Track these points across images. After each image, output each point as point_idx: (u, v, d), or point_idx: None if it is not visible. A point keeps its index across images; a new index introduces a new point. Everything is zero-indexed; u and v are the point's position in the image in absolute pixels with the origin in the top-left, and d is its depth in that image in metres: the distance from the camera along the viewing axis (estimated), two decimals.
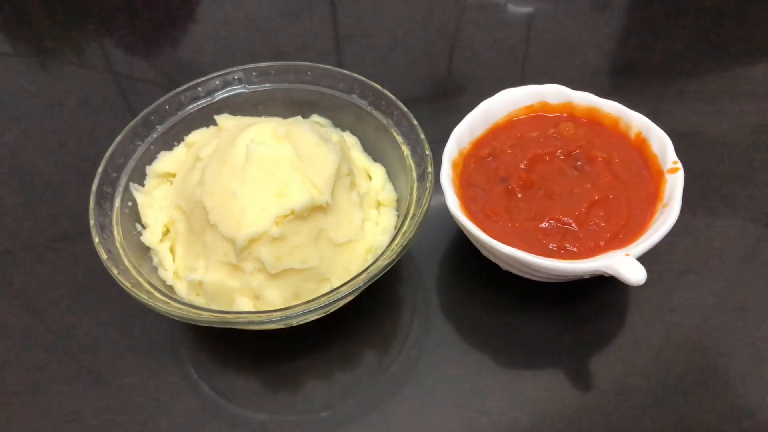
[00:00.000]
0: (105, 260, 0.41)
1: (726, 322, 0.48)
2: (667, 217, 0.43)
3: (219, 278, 0.43)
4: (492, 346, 0.47)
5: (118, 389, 0.46)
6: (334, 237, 0.44)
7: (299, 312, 0.39)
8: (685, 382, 0.45)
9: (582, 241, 0.44)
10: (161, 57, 0.73)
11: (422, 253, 0.52)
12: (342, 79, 0.51)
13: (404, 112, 0.48)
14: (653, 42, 0.71)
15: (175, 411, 0.45)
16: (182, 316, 0.39)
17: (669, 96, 0.64)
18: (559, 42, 0.72)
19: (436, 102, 0.67)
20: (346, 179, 0.46)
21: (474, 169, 0.49)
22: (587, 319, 0.48)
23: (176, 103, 0.50)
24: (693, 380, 0.45)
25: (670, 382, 0.45)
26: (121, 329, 0.48)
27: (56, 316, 0.50)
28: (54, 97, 0.68)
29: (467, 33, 0.74)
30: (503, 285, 0.49)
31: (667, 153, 0.46)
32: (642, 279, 0.39)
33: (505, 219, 0.46)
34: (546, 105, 0.51)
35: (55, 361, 0.47)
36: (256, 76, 0.52)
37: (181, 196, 0.46)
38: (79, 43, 0.75)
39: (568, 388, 0.45)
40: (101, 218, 0.44)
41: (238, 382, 0.46)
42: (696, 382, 0.45)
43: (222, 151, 0.44)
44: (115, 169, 0.47)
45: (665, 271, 0.50)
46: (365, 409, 0.44)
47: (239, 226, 0.41)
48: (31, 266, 0.53)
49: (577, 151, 0.49)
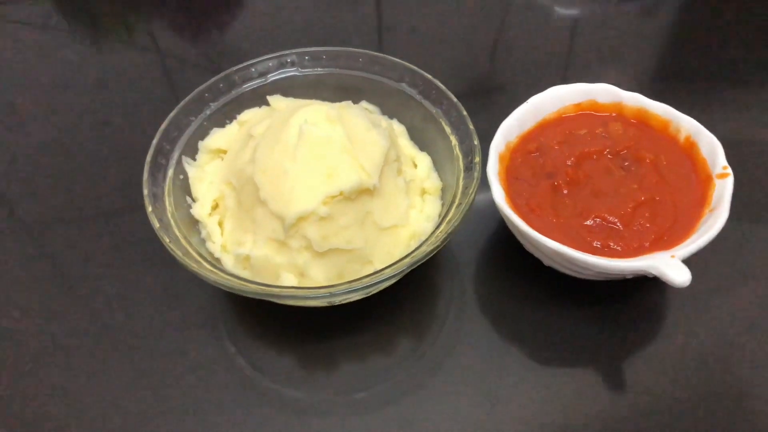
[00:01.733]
0: (157, 229, 0.42)
1: (766, 332, 0.47)
2: (714, 222, 0.43)
3: (266, 254, 0.43)
4: (527, 341, 0.47)
5: (154, 362, 0.46)
6: (380, 220, 0.45)
7: (343, 290, 0.40)
8: (721, 392, 0.44)
9: (626, 240, 0.44)
10: (208, 41, 0.75)
11: (461, 245, 0.53)
12: (392, 66, 0.52)
13: (454, 102, 0.48)
14: (701, 49, 0.71)
15: (211, 384, 0.45)
16: (230, 286, 0.40)
17: (717, 103, 0.64)
18: (605, 46, 0.71)
19: (475, 100, 0.67)
20: (394, 165, 0.46)
21: (520, 163, 0.49)
22: (625, 321, 0.48)
23: (230, 81, 0.51)
24: (729, 390, 0.45)
25: (703, 391, 0.45)
26: (161, 303, 0.49)
27: (95, 289, 0.51)
28: (103, 75, 0.69)
29: (511, 33, 0.74)
30: (542, 281, 0.49)
31: (717, 157, 0.46)
32: (687, 281, 0.39)
33: (549, 214, 0.46)
34: (595, 104, 0.51)
35: (93, 334, 0.48)
36: (309, 60, 0.52)
37: (231, 173, 0.46)
38: (131, 23, 0.77)
39: (601, 389, 0.45)
40: (154, 188, 0.44)
41: (274, 359, 0.46)
42: (732, 392, 0.44)
43: (275, 130, 0.45)
44: (169, 142, 0.47)
45: (707, 278, 0.50)
46: (397, 394, 0.45)
47: (288, 204, 0.42)
48: (73, 239, 0.54)
49: (625, 152, 0.49)
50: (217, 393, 0.45)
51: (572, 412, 0.44)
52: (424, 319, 0.49)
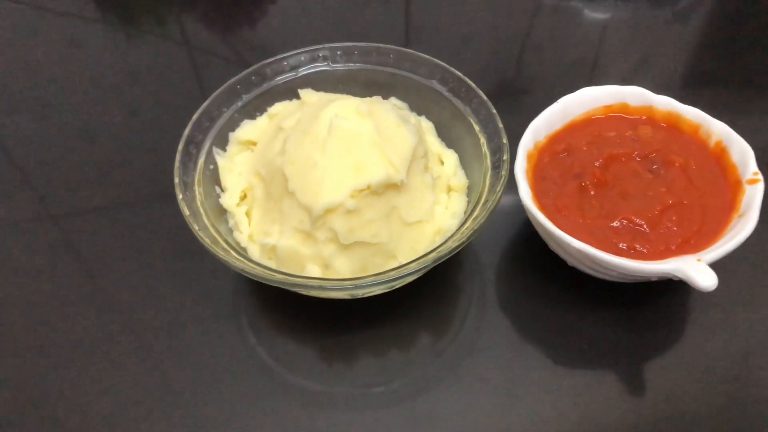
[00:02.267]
0: (187, 216, 0.43)
1: None
2: (742, 227, 0.42)
3: (292, 244, 0.44)
4: (548, 341, 0.47)
5: (174, 353, 0.47)
6: (406, 215, 0.45)
7: (367, 283, 0.40)
8: (743, 399, 0.44)
9: (653, 243, 0.44)
10: (238, 35, 0.75)
11: (484, 243, 0.53)
12: (423, 63, 0.52)
13: (484, 100, 0.48)
14: (732, 55, 0.70)
15: (231, 374, 0.46)
16: (256, 275, 0.40)
17: (747, 109, 0.63)
18: (635, 50, 0.71)
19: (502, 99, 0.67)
20: (421, 161, 0.46)
21: (548, 163, 0.49)
22: (648, 323, 0.48)
23: (262, 74, 0.51)
24: (751, 397, 0.44)
25: (727, 396, 0.44)
26: (183, 293, 0.50)
27: (119, 278, 0.51)
28: (133, 65, 0.70)
29: (540, 35, 0.74)
30: (565, 281, 0.49)
31: (747, 163, 0.46)
32: (713, 285, 0.39)
33: (576, 215, 0.46)
34: (625, 106, 0.51)
35: (115, 322, 0.49)
36: (341, 55, 0.53)
37: (261, 164, 0.47)
38: (163, 15, 0.78)
39: (621, 392, 0.45)
40: (185, 177, 0.45)
41: (295, 351, 0.47)
42: (755, 399, 0.44)
43: (305, 123, 0.45)
44: (200, 132, 0.48)
45: (732, 284, 0.49)
46: (416, 389, 0.45)
47: (317, 196, 0.42)
48: (99, 228, 0.55)
49: (654, 155, 0.48)
50: (237, 383, 0.45)
51: (591, 414, 0.44)
52: (444, 317, 0.49)
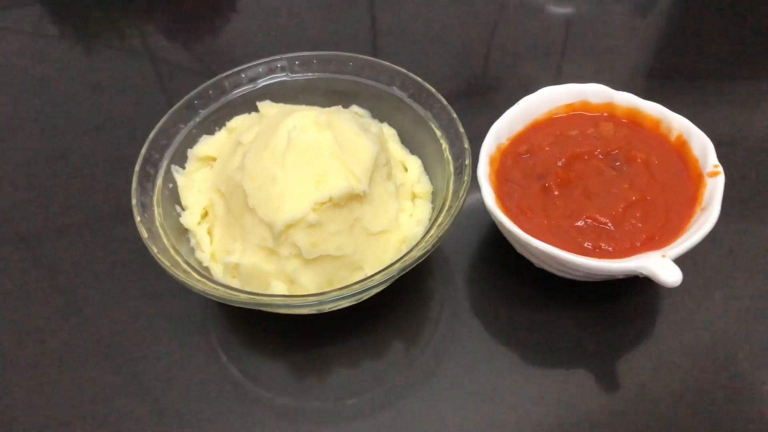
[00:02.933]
0: (146, 239, 0.42)
1: (758, 330, 0.47)
2: (705, 221, 0.43)
3: (255, 262, 0.43)
4: (520, 343, 0.47)
5: (146, 371, 0.46)
6: (370, 226, 0.44)
7: (333, 297, 0.40)
8: (714, 390, 0.44)
9: (617, 241, 0.44)
10: (201, 45, 0.75)
11: (453, 248, 0.52)
12: (383, 70, 0.51)
13: (444, 105, 0.48)
14: (694, 47, 0.70)
15: (203, 393, 0.45)
16: (219, 296, 0.39)
17: (709, 101, 0.63)
18: (598, 44, 0.71)
19: (470, 99, 0.67)
20: (384, 169, 0.46)
21: (511, 165, 0.48)
22: (617, 321, 0.48)
23: (219, 88, 0.51)
24: (723, 388, 0.44)
25: (699, 390, 0.45)
26: (152, 311, 0.49)
27: (86, 297, 0.50)
28: (95, 79, 0.69)
29: (505, 32, 0.74)
30: (534, 282, 0.49)
31: (708, 156, 0.46)
32: (678, 280, 0.39)
33: (540, 216, 0.46)
34: (587, 104, 0.51)
35: (83, 341, 0.48)
36: (299, 65, 0.52)
37: (221, 180, 0.46)
38: (122, 27, 0.76)
39: (595, 389, 0.45)
40: (143, 198, 0.44)
41: (266, 367, 0.46)
42: (725, 390, 0.44)
43: (264, 136, 0.45)
44: (157, 151, 0.47)
45: (699, 276, 0.50)
46: (391, 399, 0.45)
47: (277, 211, 0.42)
48: (65, 246, 0.54)
49: (616, 151, 0.48)
50: (210, 402, 0.45)
51: (566, 412, 0.44)
52: (416, 323, 0.49)
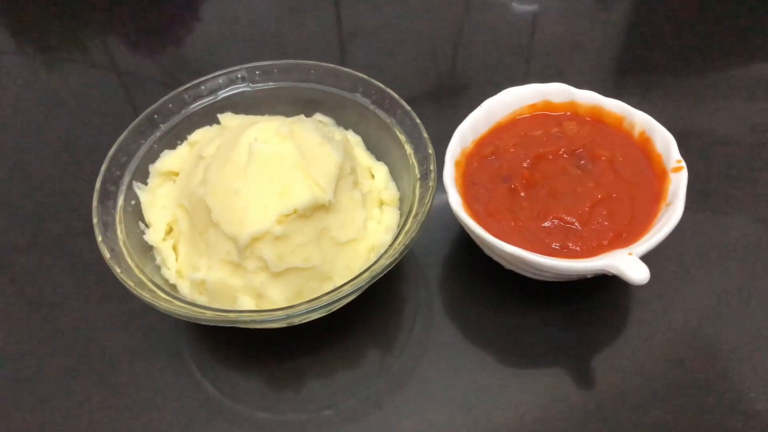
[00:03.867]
0: (108, 259, 0.41)
1: (729, 321, 0.48)
2: (670, 217, 0.43)
3: (221, 277, 0.43)
4: (495, 345, 0.47)
5: (119, 388, 0.46)
6: (337, 236, 0.44)
7: (301, 311, 0.39)
8: (689, 383, 0.45)
9: (585, 240, 0.44)
10: (165, 55, 0.73)
11: (425, 251, 0.52)
12: (345, 77, 0.51)
13: (407, 110, 0.48)
14: (658, 40, 0.71)
15: (178, 410, 0.45)
16: (185, 315, 0.39)
17: (674, 95, 0.64)
18: (565, 40, 0.71)
19: (440, 100, 0.67)
20: (349, 178, 0.46)
21: (477, 168, 0.48)
22: (590, 318, 0.48)
23: (179, 101, 0.50)
24: (697, 380, 0.45)
25: (673, 381, 0.45)
26: (123, 328, 0.49)
27: (57, 313, 0.50)
28: (58, 95, 0.68)
29: (472, 31, 0.74)
30: (506, 284, 0.49)
31: (670, 152, 0.46)
32: (645, 278, 0.39)
33: (507, 218, 0.46)
34: (549, 104, 0.51)
35: (56, 358, 0.47)
36: (260, 75, 0.52)
37: (183, 195, 0.46)
38: (83, 41, 0.75)
39: (571, 388, 0.45)
40: (104, 217, 0.44)
41: (240, 381, 0.46)
42: (700, 382, 0.45)
43: (225, 149, 0.44)
44: (118, 168, 0.47)
45: (668, 271, 0.50)
46: (368, 407, 0.44)
47: (241, 225, 0.41)
48: (33, 264, 0.53)
49: (581, 150, 0.49)
50: (184, 418, 0.44)
51: (543, 413, 0.44)
52: (390, 330, 0.48)
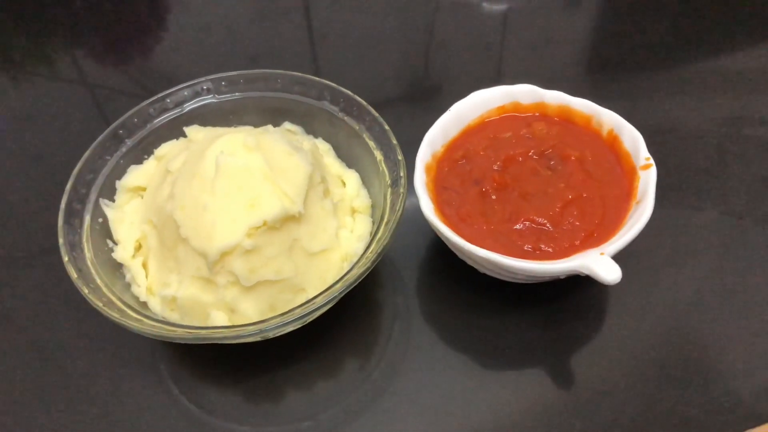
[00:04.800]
0: (75, 279, 0.41)
1: (704, 316, 0.48)
2: (641, 214, 0.43)
3: (192, 293, 0.43)
4: (473, 349, 0.47)
5: (96, 406, 0.45)
6: (309, 246, 0.44)
7: (275, 325, 0.39)
8: (666, 378, 0.45)
9: (557, 241, 0.44)
10: (134, 66, 0.73)
11: (400, 257, 0.52)
12: (312, 85, 0.51)
13: (375, 117, 0.48)
14: (626, 37, 0.71)
15: (156, 428, 0.44)
16: (156, 334, 0.39)
17: (643, 91, 0.64)
18: (534, 39, 0.72)
19: (414, 103, 0.67)
20: (319, 187, 0.46)
21: (448, 173, 0.48)
22: (567, 318, 0.48)
23: (145, 115, 0.50)
24: (673, 375, 0.45)
25: (651, 378, 0.45)
26: (98, 345, 0.48)
27: (30, 332, 0.49)
28: (25, 110, 0.67)
29: (442, 32, 0.74)
30: (482, 288, 0.49)
31: (639, 150, 0.46)
32: (617, 278, 0.39)
33: (480, 221, 0.46)
34: (518, 105, 0.51)
35: (29, 376, 0.47)
36: (225, 86, 0.52)
37: (151, 211, 0.45)
38: (49, 54, 0.74)
39: (551, 389, 0.45)
40: (71, 236, 0.43)
41: (219, 396, 0.46)
42: (677, 377, 0.45)
43: (191, 163, 0.44)
44: (84, 185, 0.46)
45: (642, 268, 0.51)
46: (348, 417, 0.44)
47: (210, 240, 0.41)
48: (4, 281, 0.52)
49: (550, 151, 0.49)
50: None
51: (524, 414, 0.44)
52: (368, 338, 0.48)
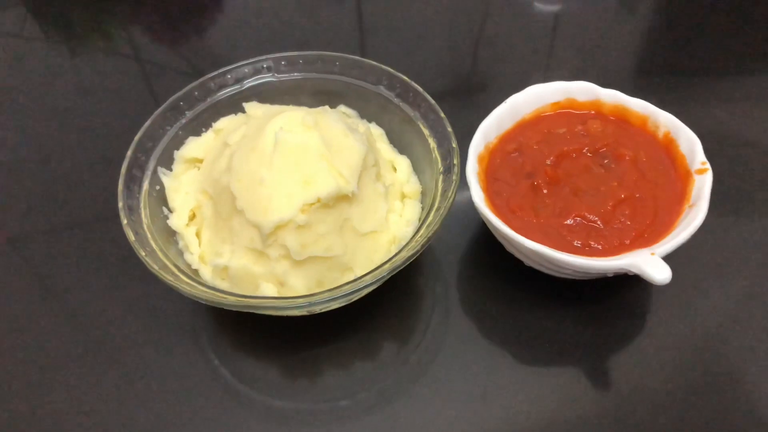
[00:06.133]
0: (133, 242, 0.42)
1: (748, 325, 0.48)
2: (693, 218, 0.43)
3: (244, 264, 0.44)
4: (512, 342, 0.48)
5: (138, 375, 0.47)
6: (359, 227, 0.45)
7: (323, 299, 0.40)
8: (705, 385, 0.45)
9: (607, 238, 0.45)
10: (187, 45, 0.74)
11: (444, 247, 0.53)
12: (370, 70, 0.52)
13: (431, 104, 0.49)
14: (682, 43, 0.71)
15: (194, 396, 0.46)
16: (208, 299, 0.40)
17: (697, 97, 0.64)
18: (586, 41, 0.72)
19: (458, 98, 0.67)
20: (372, 170, 0.47)
21: (500, 164, 0.49)
22: (609, 318, 0.49)
23: (205, 89, 0.51)
24: (713, 383, 0.45)
25: (690, 384, 0.45)
26: (142, 316, 0.49)
27: (75, 302, 0.51)
28: (81, 82, 0.70)
29: (492, 29, 0.74)
30: (525, 281, 0.50)
31: (695, 153, 0.47)
32: (667, 278, 0.40)
33: (529, 215, 0.46)
34: (573, 102, 0.52)
35: (73, 346, 0.48)
36: (285, 65, 0.53)
37: (208, 182, 0.47)
38: (107, 30, 0.76)
39: (587, 388, 0.45)
40: (129, 201, 0.45)
41: (258, 369, 0.47)
42: (716, 385, 0.45)
43: (250, 137, 0.45)
44: (143, 153, 0.48)
45: (689, 273, 0.51)
46: (383, 399, 0.45)
47: (266, 213, 0.42)
48: (53, 250, 0.54)
49: (604, 149, 0.49)
50: (201, 404, 0.45)
51: (558, 411, 0.44)
52: (407, 324, 0.49)
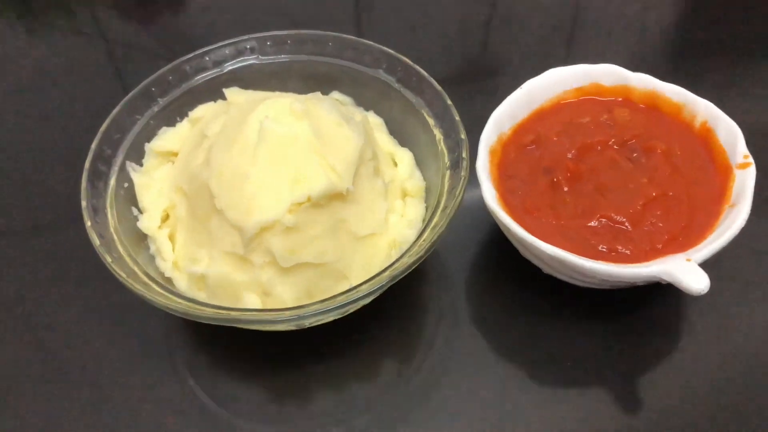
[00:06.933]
0: (98, 246, 0.41)
1: None
2: (734, 219, 0.43)
3: (224, 271, 0.43)
4: (528, 360, 0.47)
5: (103, 396, 0.46)
6: (355, 229, 0.44)
7: (313, 311, 0.39)
8: (740, 406, 0.44)
9: (636, 242, 0.44)
10: (160, 24, 0.74)
11: (451, 251, 0.53)
12: (367, 51, 0.51)
13: (438, 90, 0.48)
14: (721, 21, 0.71)
15: (168, 422, 0.45)
16: (183, 312, 0.39)
17: (739, 82, 0.64)
18: (611, 20, 0.71)
19: (467, 83, 0.67)
20: (370, 164, 0.46)
21: (514, 158, 0.49)
22: (636, 332, 0.48)
23: (180, 73, 0.51)
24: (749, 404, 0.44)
25: (725, 405, 0.45)
26: (109, 328, 0.49)
27: (37, 312, 0.50)
28: (40, 64, 0.69)
29: (506, 8, 0.74)
30: (542, 290, 0.49)
31: (736, 146, 0.46)
32: (705, 288, 0.39)
33: (548, 215, 0.46)
34: (599, 87, 0.51)
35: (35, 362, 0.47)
36: (271, 46, 0.52)
37: (183, 178, 0.46)
38: (69, 5, 0.76)
39: (611, 409, 0.45)
40: (94, 200, 0.44)
41: (239, 391, 0.46)
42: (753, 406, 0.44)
43: (232, 128, 0.44)
44: (110, 146, 0.47)
45: (729, 283, 0.50)
46: (381, 426, 0.44)
47: (249, 213, 0.41)
48: (10, 255, 0.53)
49: (633, 141, 0.49)
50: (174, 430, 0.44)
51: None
52: (409, 339, 0.48)
